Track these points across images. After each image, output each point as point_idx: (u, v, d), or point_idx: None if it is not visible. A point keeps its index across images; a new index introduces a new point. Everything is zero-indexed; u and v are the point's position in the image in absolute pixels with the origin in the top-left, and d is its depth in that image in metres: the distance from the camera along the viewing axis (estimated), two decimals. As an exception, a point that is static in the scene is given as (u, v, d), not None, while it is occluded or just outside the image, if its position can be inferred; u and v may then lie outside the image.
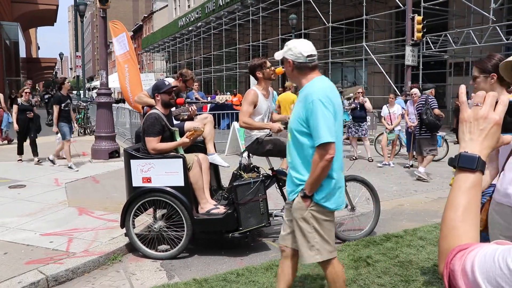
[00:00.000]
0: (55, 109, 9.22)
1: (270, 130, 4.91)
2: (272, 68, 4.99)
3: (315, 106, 2.67)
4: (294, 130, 2.80)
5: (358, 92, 10.77)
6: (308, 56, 2.81)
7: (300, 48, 2.82)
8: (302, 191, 2.80)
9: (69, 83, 10.15)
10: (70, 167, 9.14)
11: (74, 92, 25.29)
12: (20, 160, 10.08)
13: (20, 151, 10.21)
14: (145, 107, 5.54)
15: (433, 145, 8.63)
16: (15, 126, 10.08)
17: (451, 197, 1.01)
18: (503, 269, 0.78)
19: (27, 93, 10.16)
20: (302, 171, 2.80)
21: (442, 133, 10.53)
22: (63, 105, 9.27)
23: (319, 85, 2.77)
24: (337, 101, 2.80)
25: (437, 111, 8.45)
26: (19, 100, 10.08)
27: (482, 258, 0.83)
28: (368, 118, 11.53)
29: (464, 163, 1.01)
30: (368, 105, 10.79)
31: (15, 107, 10.00)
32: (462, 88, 1.11)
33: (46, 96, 20.72)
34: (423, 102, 8.63)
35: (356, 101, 10.68)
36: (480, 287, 0.81)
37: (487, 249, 0.85)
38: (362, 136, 10.83)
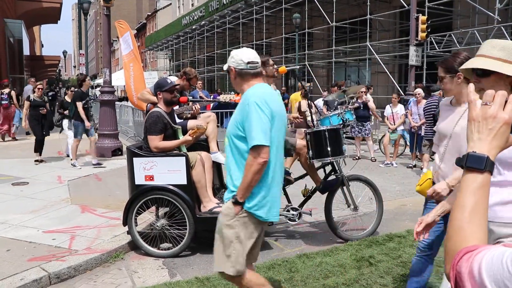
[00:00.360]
0: (79, 105, 9.13)
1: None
2: (275, 66, 4.99)
3: (250, 108, 2.61)
4: (231, 135, 2.72)
5: (361, 91, 10.75)
6: (248, 63, 2.78)
7: (241, 55, 2.81)
8: (233, 196, 2.70)
9: (90, 80, 10.08)
10: (73, 165, 9.15)
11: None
12: (40, 160, 9.56)
13: (38, 150, 9.63)
14: (148, 105, 5.53)
15: None
16: (24, 123, 10.05)
17: (458, 197, 1.00)
18: (511, 272, 0.77)
19: (40, 89, 9.96)
20: (237, 176, 2.71)
21: None
22: (83, 102, 9.22)
23: (257, 90, 2.73)
24: (277, 109, 2.73)
25: None
26: (32, 96, 9.82)
27: (489, 261, 0.82)
28: (372, 117, 11.51)
29: (472, 163, 1.00)
30: (371, 104, 10.78)
31: (26, 103, 9.79)
32: (471, 87, 1.09)
33: (50, 94, 20.74)
34: (436, 103, 8.62)
35: (359, 100, 10.66)
36: None
37: (494, 251, 0.84)
38: (366, 136, 10.82)
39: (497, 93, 1.02)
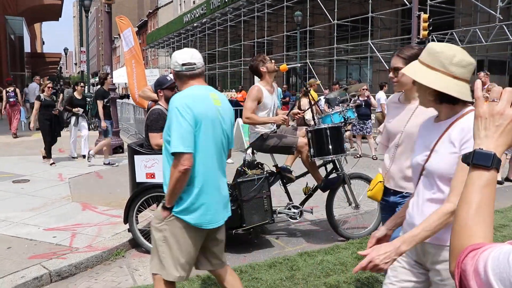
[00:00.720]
0: (100, 104, 9.04)
1: (275, 125, 4.90)
2: (273, 61, 4.99)
3: (171, 114, 2.56)
4: (165, 140, 2.67)
5: (363, 89, 10.73)
6: (183, 65, 2.71)
7: (176, 57, 2.75)
8: (163, 201, 2.70)
9: (111, 79, 9.93)
10: (108, 164, 9.15)
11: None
12: (54, 163, 9.19)
13: (49, 154, 9.30)
14: (149, 102, 5.52)
15: None
16: (32, 124, 9.92)
17: (464, 194, 0.99)
18: None
19: (50, 88, 9.49)
20: (168, 182, 2.66)
21: None
22: (105, 100, 9.14)
23: (182, 93, 2.65)
24: (205, 112, 2.61)
25: None
26: (42, 95, 9.32)
27: (495, 259, 0.81)
28: (373, 116, 11.49)
29: (479, 160, 0.99)
30: (372, 101, 10.79)
31: (37, 103, 9.26)
32: (478, 84, 1.08)
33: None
34: None
35: (361, 98, 10.63)
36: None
37: (501, 249, 0.83)
38: (367, 134, 10.80)
39: (505, 89, 1.01)
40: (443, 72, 1.83)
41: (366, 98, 10.67)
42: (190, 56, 2.74)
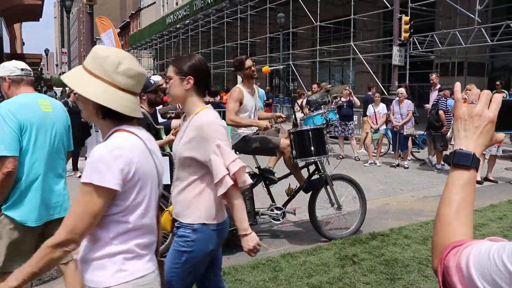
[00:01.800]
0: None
1: (257, 128, 4.91)
2: (253, 67, 4.93)
3: None
4: None
5: (345, 89, 10.82)
6: (22, 70, 2.98)
7: (13, 63, 3.04)
8: None
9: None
10: None
11: (59, 89, 25.03)
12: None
13: (76, 165, 8.78)
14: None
15: (444, 141, 9.08)
16: None
17: (445, 193, 1.01)
18: (498, 265, 0.78)
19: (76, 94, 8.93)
20: None
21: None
22: None
23: (10, 101, 2.87)
24: (31, 119, 2.82)
25: (441, 112, 8.93)
26: (69, 101, 8.67)
27: (477, 255, 0.83)
28: (355, 117, 11.59)
29: (459, 160, 1.01)
30: (355, 100, 10.90)
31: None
32: (457, 86, 1.11)
33: None
34: (436, 102, 9.12)
35: (343, 99, 10.72)
36: (475, 283, 0.81)
37: (482, 245, 0.85)
38: (349, 135, 10.89)
39: (482, 92, 1.04)
40: (106, 81, 1.60)
41: (348, 99, 10.76)
42: (24, 64, 3.03)
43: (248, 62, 4.93)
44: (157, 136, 4.75)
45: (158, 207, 1.84)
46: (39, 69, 58.91)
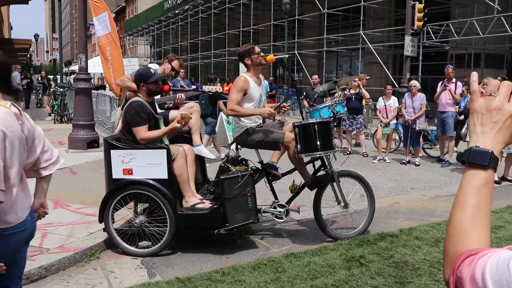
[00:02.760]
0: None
1: (261, 119, 4.92)
2: (262, 54, 5.00)
3: None
4: None
5: (355, 81, 10.78)
6: None
7: None
8: None
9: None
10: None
11: (51, 77, 25.02)
12: None
13: None
14: (127, 93, 5.49)
15: None
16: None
17: (459, 195, 0.97)
18: None
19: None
20: None
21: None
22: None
23: None
24: None
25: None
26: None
27: (494, 265, 0.80)
28: (364, 110, 11.55)
29: (475, 159, 0.97)
30: (365, 92, 10.86)
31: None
32: (474, 76, 1.06)
33: (24, 81, 20.42)
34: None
35: (352, 91, 10.69)
36: None
37: (500, 255, 0.82)
38: (357, 130, 10.87)
39: (503, 83, 1.00)
40: None
41: (357, 91, 10.73)
42: None
43: (257, 49, 4.97)
44: (156, 127, 4.77)
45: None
46: (28, 56, 58.86)
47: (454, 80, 9.63)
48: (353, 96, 10.60)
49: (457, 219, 0.95)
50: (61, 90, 17.37)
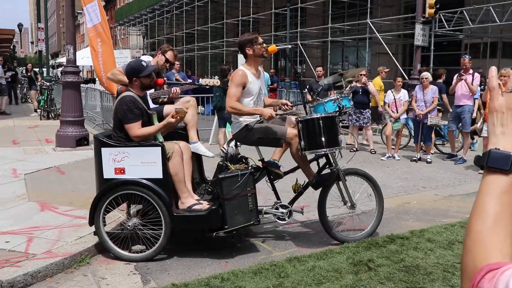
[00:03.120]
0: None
1: (260, 116, 4.91)
2: (264, 45, 5.00)
3: None
4: None
5: (360, 74, 10.78)
6: None
7: None
8: None
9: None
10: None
11: (37, 69, 25.00)
12: None
13: None
14: (119, 87, 5.49)
15: None
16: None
17: (477, 203, 0.94)
18: None
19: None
20: None
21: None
22: None
23: None
24: None
25: None
26: None
27: None
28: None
29: (495, 163, 0.94)
30: (371, 88, 10.84)
31: None
32: (493, 71, 1.04)
33: (9, 73, 20.39)
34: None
35: (358, 84, 10.69)
36: None
37: None
38: (364, 125, 10.87)
39: None
40: None
41: (363, 85, 10.72)
42: None
43: (260, 39, 4.97)
44: (149, 123, 4.77)
45: None
46: (12, 47, 58.81)
47: (471, 71, 9.59)
48: (360, 90, 10.60)
49: (475, 229, 0.92)
50: (48, 84, 17.37)
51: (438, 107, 9.99)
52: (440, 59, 17.89)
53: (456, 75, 9.70)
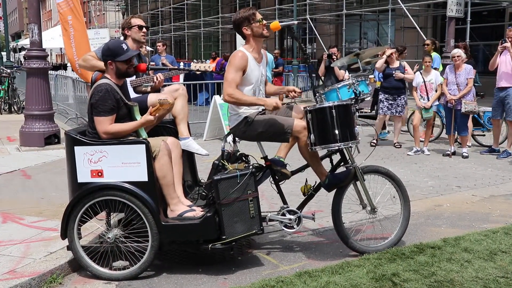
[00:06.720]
0: None
1: (263, 107, 4.93)
2: (264, 22, 4.99)
3: None
4: None
5: (383, 53, 10.67)
6: None
7: None
8: None
9: None
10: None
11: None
12: None
13: None
14: (94, 74, 5.49)
15: None
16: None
17: None
18: None
19: None
20: None
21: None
22: None
23: None
24: None
25: None
26: None
27: None
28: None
29: None
30: (409, 75, 10.67)
31: None
32: None
33: None
34: None
35: (390, 66, 10.59)
36: None
37: None
38: (396, 114, 10.81)
39: None
40: None
41: (398, 66, 10.63)
42: None
43: (258, 15, 4.96)
44: (129, 117, 4.78)
45: None
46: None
47: None
48: (394, 72, 10.53)
49: None
50: (8, 71, 17.36)
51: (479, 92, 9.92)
52: (478, 33, 17.84)
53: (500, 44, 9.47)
